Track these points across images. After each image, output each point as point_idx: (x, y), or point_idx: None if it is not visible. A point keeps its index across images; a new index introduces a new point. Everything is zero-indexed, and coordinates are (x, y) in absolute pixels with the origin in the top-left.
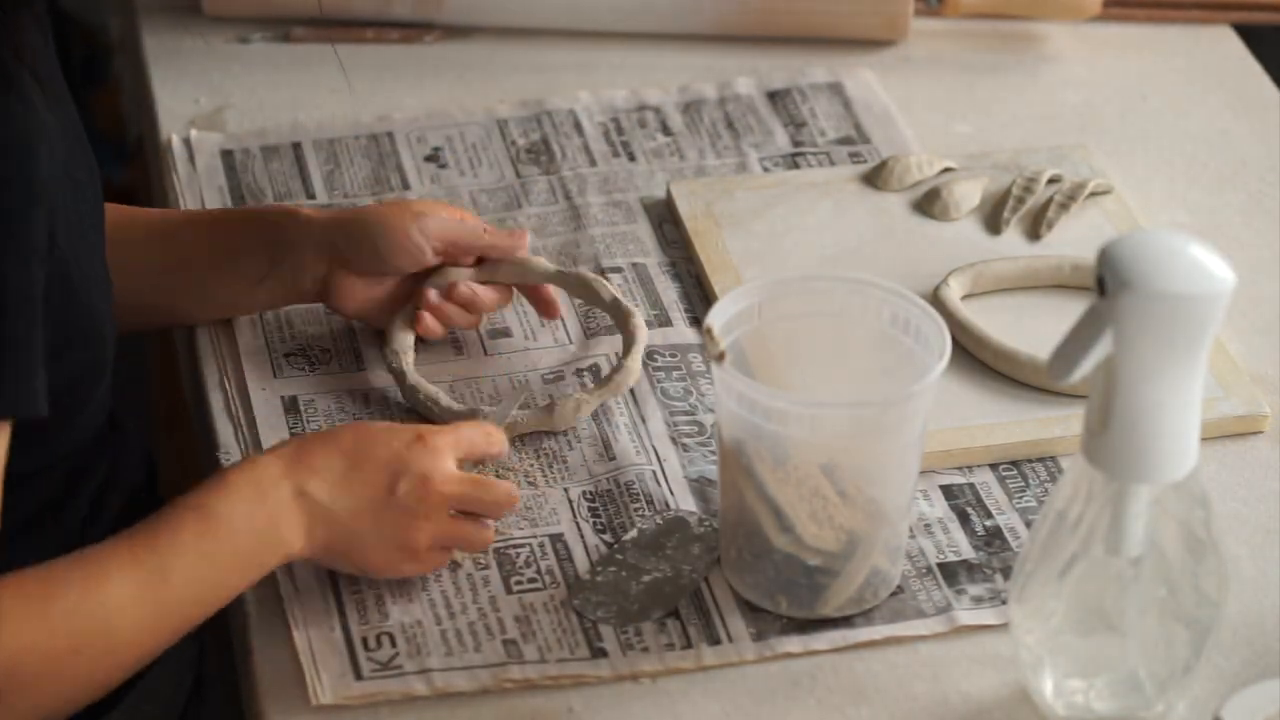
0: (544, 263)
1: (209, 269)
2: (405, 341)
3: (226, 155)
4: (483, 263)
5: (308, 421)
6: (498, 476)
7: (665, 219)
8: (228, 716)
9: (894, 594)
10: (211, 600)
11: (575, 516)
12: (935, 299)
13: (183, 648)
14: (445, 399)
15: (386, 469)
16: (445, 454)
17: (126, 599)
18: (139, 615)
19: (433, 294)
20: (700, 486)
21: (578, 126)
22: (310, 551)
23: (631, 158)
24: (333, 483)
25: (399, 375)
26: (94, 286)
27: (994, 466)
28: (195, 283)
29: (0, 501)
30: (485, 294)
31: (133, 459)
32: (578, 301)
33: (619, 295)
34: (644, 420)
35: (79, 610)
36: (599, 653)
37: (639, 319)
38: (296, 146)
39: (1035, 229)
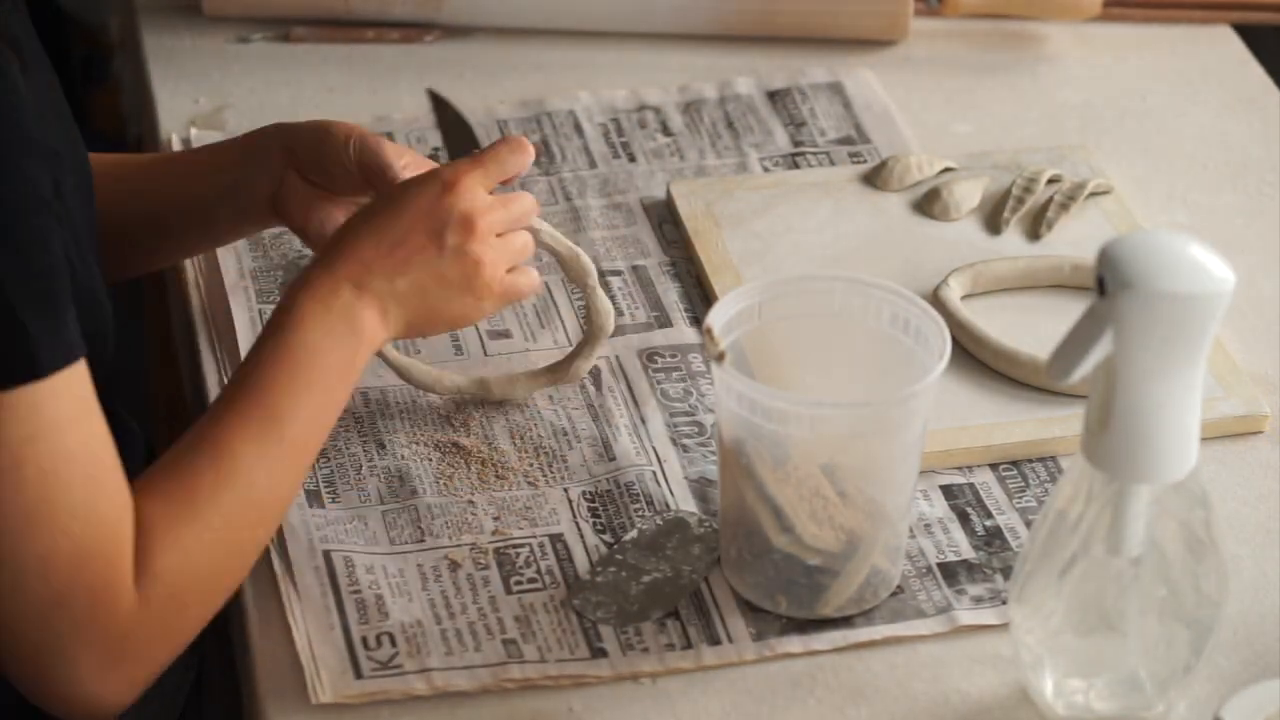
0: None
1: (216, 201)
2: None
3: None
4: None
5: None
6: (497, 475)
7: (665, 219)
8: (228, 716)
9: (894, 594)
10: (327, 421)
11: (575, 516)
12: (935, 299)
13: None
14: (419, 368)
15: (427, 229)
16: (476, 189)
17: (254, 457)
18: (271, 467)
19: None
20: (700, 486)
21: (577, 127)
22: (396, 333)
23: (631, 158)
24: (384, 265)
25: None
26: (86, 260)
27: (994, 466)
28: (195, 217)
29: (104, 425)
30: None
31: (134, 453)
32: (578, 303)
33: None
34: (644, 420)
35: (219, 490)
36: (599, 653)
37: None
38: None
39: (1035, 229)
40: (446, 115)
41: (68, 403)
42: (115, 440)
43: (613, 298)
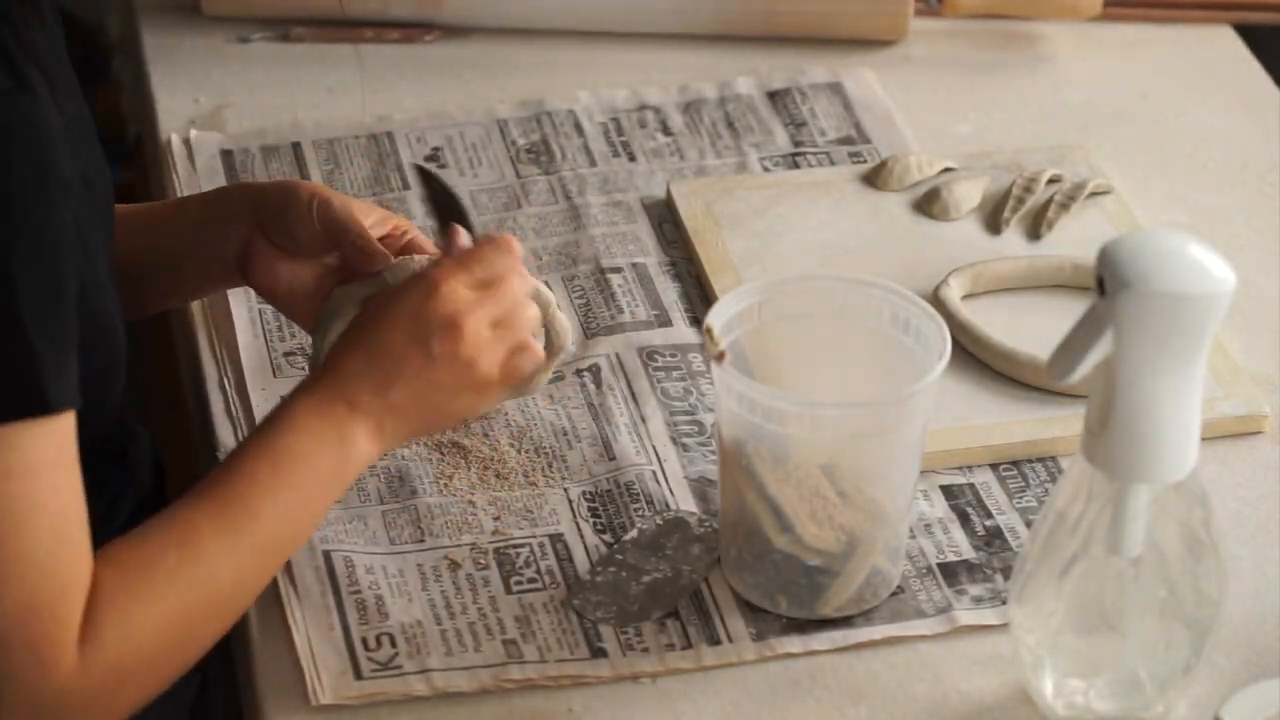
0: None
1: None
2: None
3: (226, 155)
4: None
5: None
6: (497, 475)
7: (665, 219)
8: (229, 716)
9: (894, 594)
10: (304, 528)
11: (575, 516)
12: (935, 299)
13: None
14: None
15: (413, 339)
16: (458, 291)
17: (221, 550)
18: (237, 563)
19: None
20: (700, 486)
21: (578, 126)
22: (396, 443)
23: (631, 158)
24: (375, 380)
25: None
26: (105, 287)
27: (994, 466)
28: (166, 270)
29: (80, 481)
30: None
31: (143, 467)
32: (578, 301)
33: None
34: (644, 420)
35: (179, 573)
36: (599, 653)
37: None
38: (296, 146)
39: (1035, 229)
40: (434, 189)
41: (51, 449)
42: (128, 456)
43: (613, 295)
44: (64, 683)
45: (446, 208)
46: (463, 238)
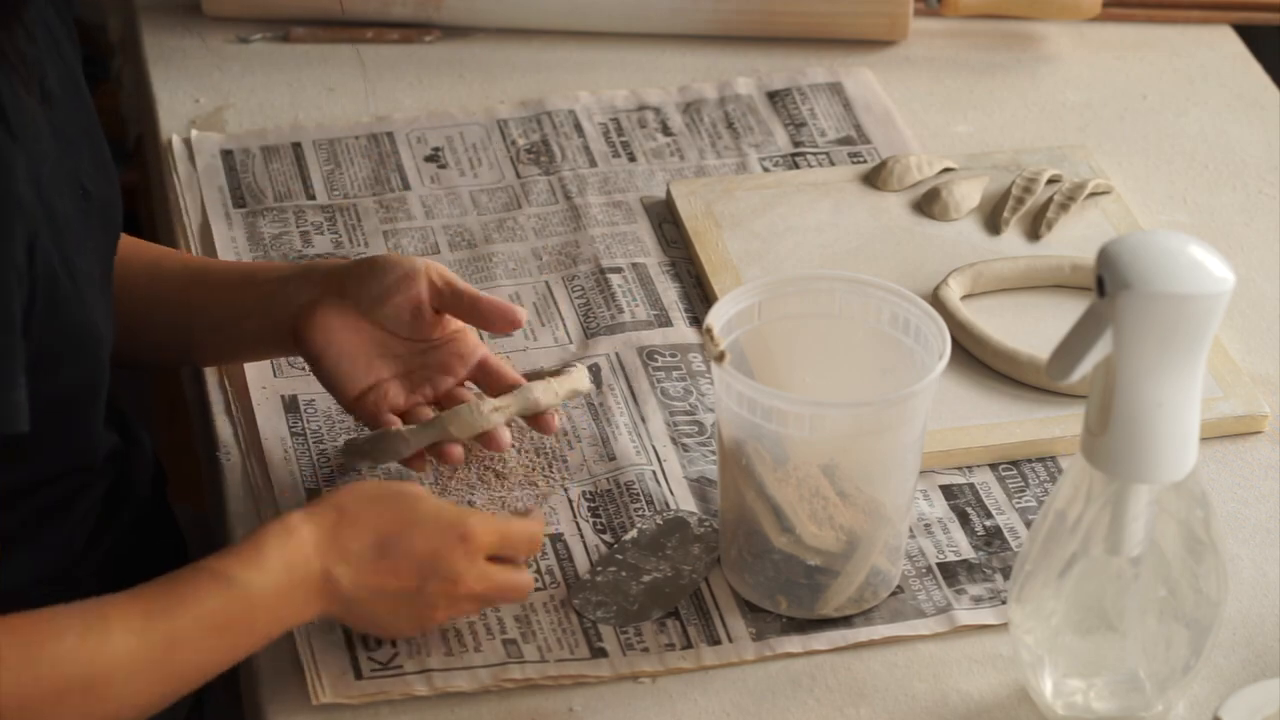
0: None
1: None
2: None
3: (226, 155)
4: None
5: (308, 421)
6: (496, 475)
7: (665, 219)
8: (228, 716)
9: (894, 594)
10: (215, 667)
11: (575, 516)
12: (935, 299)
13: None
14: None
15: (419, 567)
16: (480, 556)
17: (126, 657)
18: (137, 676)
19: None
20: (700, 486)
21: (578, 126)
22: (321, 618)
23: (631, 158)
24: (361, 570)
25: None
26: (91, 300)
27: (994, 466)
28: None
29: None
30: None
31: (143, 473)
32: (578, 301)
33: (584, 377)
34: (644, 420)
35: (71, 659)
36: (599, 653)
37: (581, 370)
38: (296, 146)
39: (1035, 229)
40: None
41: None
42: (125, 462)
43: (613, 295)
44: None
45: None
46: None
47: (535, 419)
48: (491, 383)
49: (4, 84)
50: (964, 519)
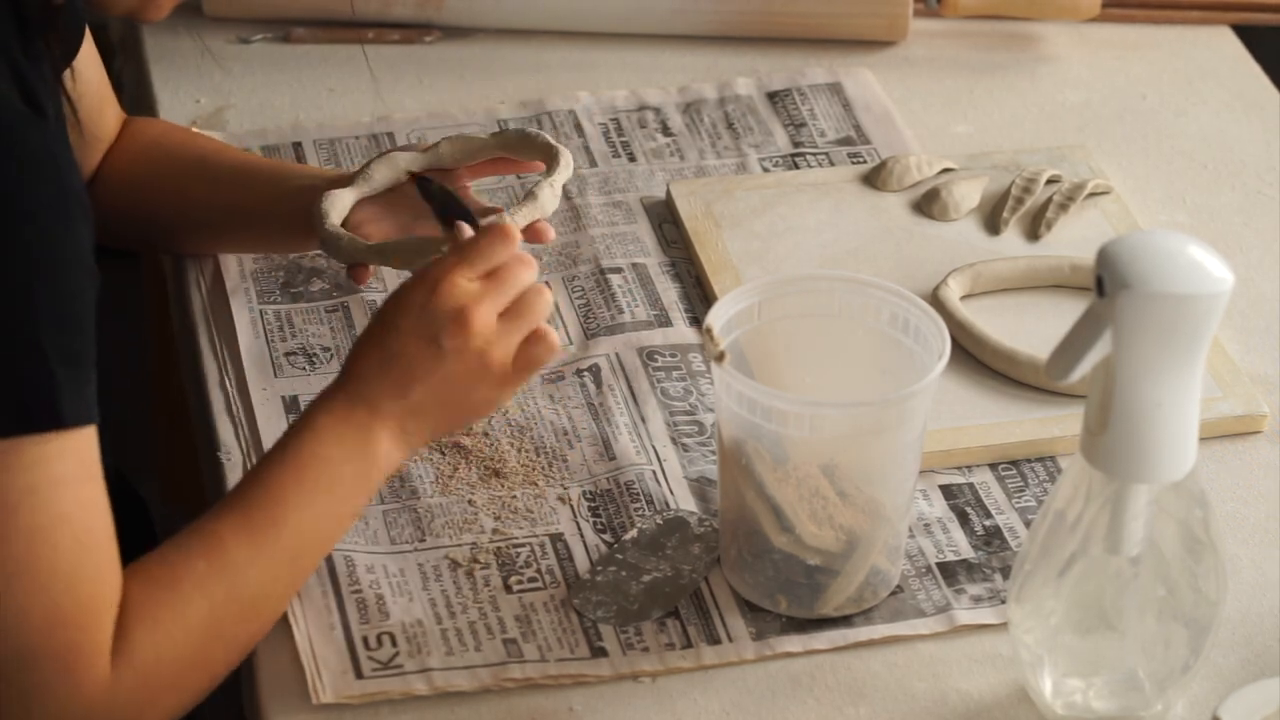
0: (478, 135)
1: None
2: (343, 203)
3: None
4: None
5: None
6: (496, 475)
7: (665, 219)
8: (227, 715)
9: (893, 594)
10: (331, 532)
11: (575, 516)
12: (935, 299)
13: None
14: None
15: (421, 336)
16: (459, 284)
17: (248, 556)
18: (264, 566)
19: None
20: (700, 486)
21: (578, 127)
22: (420, 444)
23: (631, 158)
24: (390, 383)
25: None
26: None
27: (993, 466)
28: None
29: (105, 496)
30: None
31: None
32: (578, 301)
33: (550, 140)
34: (644, 420)
35: (208, 581)
36: (599, 652)
37: (567, 155)
38: (297, 146)
39: (1035, 229)
40: (432, 193)
41: (74, 464)
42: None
43: (613, 295)
44: (94, 694)
45: (447, 208)
46: (466, 232)
47: (534, 229)
48: None
49: (51, 94)
50: (964, 519)
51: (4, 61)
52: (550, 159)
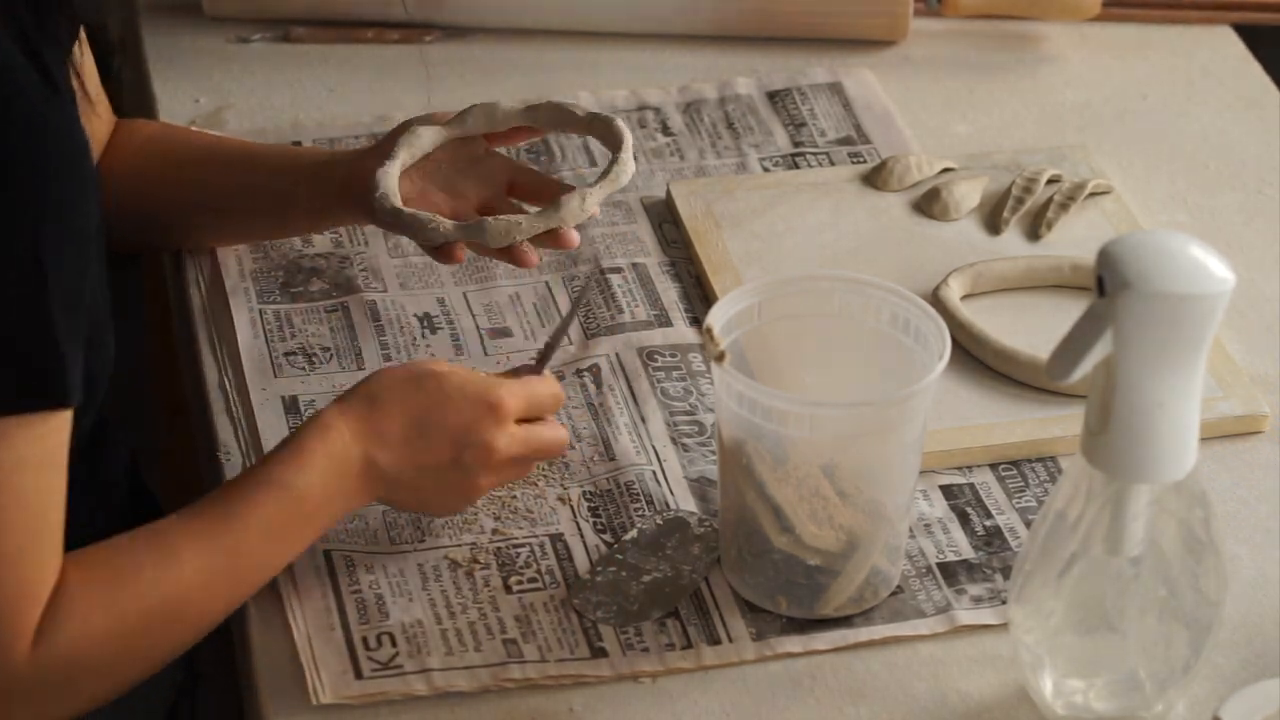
0: (510, 105)
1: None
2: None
3: None
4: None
5: None
6: None
7: (665, 219)
8: (223, 714)
9: (894, 594)
10: (279, 564)
11: (575, 516)
12: (935, 299)
13: None
14: (446, 222)
15: (453, 440)
16: (509, 420)
17: (198, 576)
18: (211, 590)
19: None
20: (700, 486)
21: None
22: (374, 501)
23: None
24: (399, 452)
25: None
26: (98, 294)
27: (994, 466)
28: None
29: (64, 484)
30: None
31: (116, 467)
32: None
33: (593, 110)
34: (644, 420)
35: (151, 593)
36: (599, 652)
37: (619, 122)
38: (296, 146)
39: (1035, 229)
40: (575, 304)
41: (40, 448)
42: (100, 457)
43: (613, 295)
44: (13, 676)
45: (548, 347)
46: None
47: (558, 236)
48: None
49: (61, 72)
50: (964, 519)
51: (20, 39)
52: (602, 127)
